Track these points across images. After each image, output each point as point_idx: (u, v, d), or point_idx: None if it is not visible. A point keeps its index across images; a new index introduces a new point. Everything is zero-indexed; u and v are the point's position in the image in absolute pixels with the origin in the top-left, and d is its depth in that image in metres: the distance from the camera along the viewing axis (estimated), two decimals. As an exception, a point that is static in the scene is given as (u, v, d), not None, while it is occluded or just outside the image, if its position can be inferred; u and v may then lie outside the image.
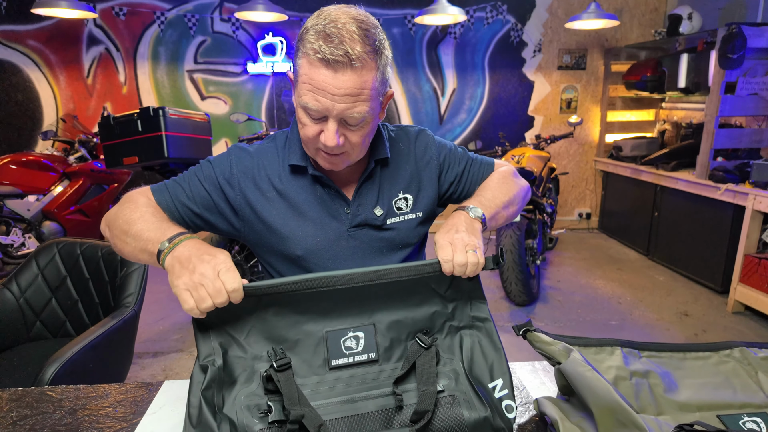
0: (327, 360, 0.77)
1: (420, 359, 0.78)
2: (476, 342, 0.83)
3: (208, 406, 0.71)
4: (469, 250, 0.81)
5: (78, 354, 1.32)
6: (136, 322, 1.60)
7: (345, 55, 0.83)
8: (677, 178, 3.78)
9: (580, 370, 0.78)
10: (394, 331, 0.81)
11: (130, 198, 0.97)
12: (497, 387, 0.79)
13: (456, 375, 0.81)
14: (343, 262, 1.03)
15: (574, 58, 4.89)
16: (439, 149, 1.12)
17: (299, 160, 1.01)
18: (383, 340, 0.80)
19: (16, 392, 0.95)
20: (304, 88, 0.88)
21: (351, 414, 0.75)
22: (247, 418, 0.72)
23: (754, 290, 3.06)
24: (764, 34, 3.29)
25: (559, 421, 0.78)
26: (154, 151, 2.47)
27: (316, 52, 0.84)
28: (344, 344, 0.78)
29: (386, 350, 0.80)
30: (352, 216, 1.02)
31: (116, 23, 4.37)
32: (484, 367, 0.81)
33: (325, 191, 1.02)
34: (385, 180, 1.06)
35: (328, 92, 0.85)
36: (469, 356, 0.82)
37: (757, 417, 0.77)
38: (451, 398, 0.78)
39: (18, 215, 3.39)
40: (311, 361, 0.77)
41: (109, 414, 0.89)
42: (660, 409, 0.79)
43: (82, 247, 1.75)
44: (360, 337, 0.79)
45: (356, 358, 0.78)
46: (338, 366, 0.78)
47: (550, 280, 3.76)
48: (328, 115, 0.88)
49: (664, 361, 0.88)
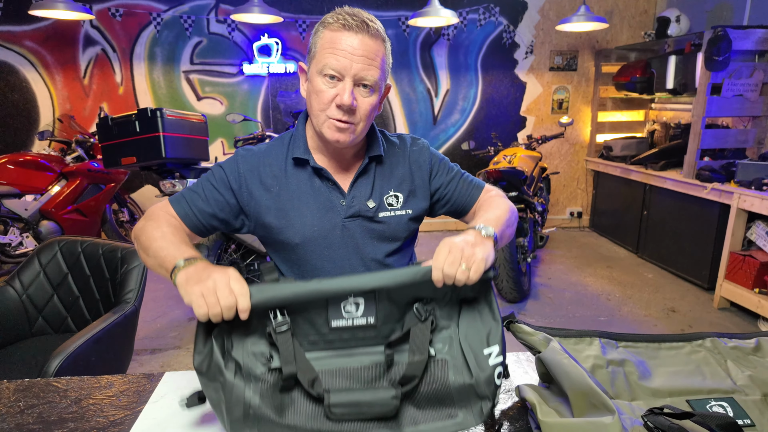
0: (327, 321, 0.81)
1: (415, 328, 0.82)
2: (476, 311, 0.85)
3: (218, 345, 0.78)
4: (463, 264, 0.80)
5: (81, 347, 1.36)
6: (136, 317, 1.64)
7: (363, 23, 0.99)
8: (665, 178, 3.85)
9: (558, 358, 0.83)
10: (395, 297, 0.82)
11: (153, 215, 1.05)
12: (492, 354, 0.81)
13: (450, 341, 0.84)
14: (338, 250, 1.11)
15: (565, 60, 4.96)
16: (431, 156, 1.19)
17: (302, 153, 1.10)
18: (383, 306, 0.82)
19: (22, 383, 0.99)
20: (325, 52, 0.99)
21: (345, 366, 0.81)
22: (251, 362, 0.79)
23: (739, 287, 3.13)
24: (749, 37, 3.36)
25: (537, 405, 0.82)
26: (152, 151, 2.52)
27: (337, 20, 0.99)
28: (344, 308, 0.81)
29: (385, 315, 0.83)
30: (347, 207, 1.10)
31: (112, 24, 4.39)
32: (482, 334, 0.83)
33: (323, 183, 1.10)
34: (378, 177, 1.13)
35: (348, 52, 0.98)
36: (466, 324, 0.85)
37: (723, 402, 0.82)
38: (441, 362, 0.82)
39: (16, 215, 3.41)
40: (314, 320, 0.81)
41: (113, 403, 0.92)
42: (634, 395, 0.85)
43: (83, 245, 1.79)
44: (360, 302, 0.82)
45: (355, 322, 0.82)
46: (338, 327, 0.82)
47: (541, 277, 3.82)
48: (346, 75, 0.99)
49: (640, 350, 0.94)
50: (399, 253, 1.17)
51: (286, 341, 0.78)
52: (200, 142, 2.78)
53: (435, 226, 5.11)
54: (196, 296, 0.75)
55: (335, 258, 1.11)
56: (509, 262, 3.14)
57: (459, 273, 0.79)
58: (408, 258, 1.23)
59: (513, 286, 3.19)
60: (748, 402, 0.82)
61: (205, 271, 0.80)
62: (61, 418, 0.88)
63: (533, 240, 3.62)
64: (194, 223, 1.08)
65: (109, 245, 1.76)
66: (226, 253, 3.00)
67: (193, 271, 0.81)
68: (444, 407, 0.80)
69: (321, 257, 1.11)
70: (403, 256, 1.20)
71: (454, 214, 1.23)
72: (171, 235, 0.97)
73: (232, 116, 3.33)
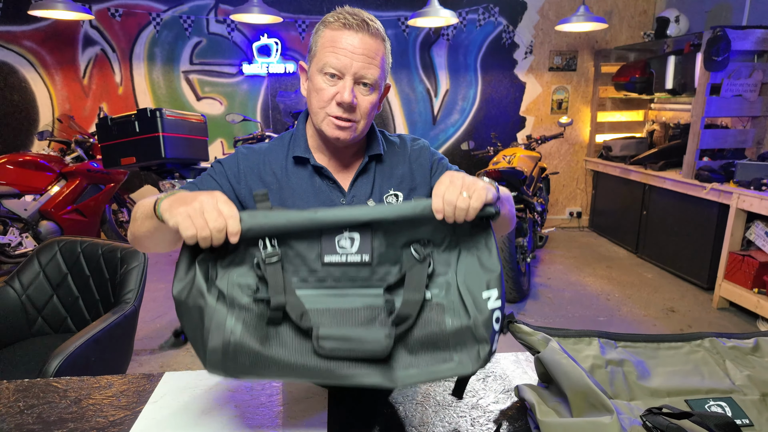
0: (320, 255, 0.77)
1: (411, 269, 0.78)
2: (475, 256, 0.80)
3: (201, 271, 0.73)
4: (464, 192, 0.76)
5: (80, 348, 1.36)
6: (136, 317, 1.64)
7: (363, 22, 1.00)
8: (665, 178, 3.86)
9: (557, 358, 0.83)
10: (392, 236, 0.79)
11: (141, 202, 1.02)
12: (491, 298, 0.76)
13: (447, 286, 0.80)
14: None
15: (564, 60, 4.96)
16: (431, 155, 1.19)
17: (302, 152, 1.11)
18: (379, 244, 0.79)
19: (22, 383, 0.99)
20: (326, 51, 1.00)
21: (336, 306, 0.77)
22: (236, 293, 0.74)
23: (738, 287, 3.13)
24: (748, 37, 3.37)
25: (536, 405, 0.83)
26: (152, 151, 2.52)
27: (338, 20, 1.00)
28: (338, 243, 0.78)
29: (381, 255, 0.79)
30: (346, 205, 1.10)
31: (112, 24, 4.40)
32: (481, 279, 0.78)
33: (323, 182, 1.10)
34: (378, 176, 1.14)
35: (349, 50, 0.99)
36: (464, 269, 0.80)
37: (722, 401, 0.82)
38: (438, 306, 0.78)
39: (15, 215, 3.41)
40: (305, 255, 0.78)
41: (113, 403, 0.92)
42: (633, 394, 0.85)
43: (83, 245, 1.80)
44: (355, 238, 0.78)
45: (349, 258, 0.78)
46: (330, 263, 0.78)
47: (541, 277, 3.83)
48: (346, 73, 1.00)
49: (639, 350, 0.94)
50: None
51: (275, 272, 0.74)
52: (200, 143, 2.78)
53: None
54: (182, 217, 0.70)
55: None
56: (509, 262, 3.14)
57: (460, 200, 0.75)
58: None
59: (512, 286, 3.20)
60: (746, 402, 0.82)
61: (191, 194, 0.75)
62: (60, 418, 0.88)
63: (533, 240, 3.63)
64: None
65: (109, 245, 1.77)
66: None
67: (178, 196, 0.77)
68: (439, 351, 0.76)
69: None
70: None
71: None
72: None
73: (232, 116, 3.33)
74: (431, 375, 0.75)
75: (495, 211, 0.78)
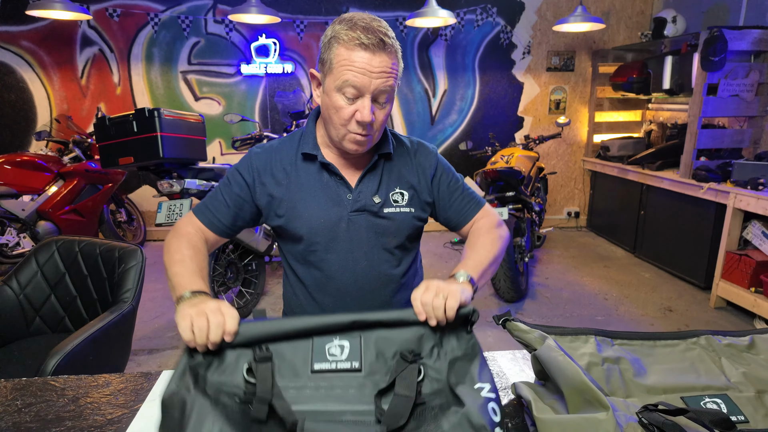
0: (310, 363, 0.78)
1: (402, 371, 0.78)
2: (464, 363, 0.81)
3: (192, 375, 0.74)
4: (440, 294, 0.83)
5: (78, 347, 1.37)
6: (133, 317, 1.64)
7: (380, 41, 1.00)
8: (662, 177, 3.87)
9: (553, 355, 0.84)
10: (381, 345, 0.81)
11: (179, 231, 1.13)
12: (484, 389, 0.75)
13: (440, 390, 0.80)
14: (342, 243, 1.14)
15: (562, 60, 4.97)
16: (438, 161, 1.23)
17: (311, 149, 1.15)
18: (368, 352, 0.80)
19: (20, 382, 0.99)
20: (344, 70, 1.00)
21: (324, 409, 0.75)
22: (223, 396, 0.74)
23: (735, 286, 3.14)
24: (745, 38, 3.38)
25: (533, 402, 0.83)
26: (150, 151, 2.51)
27: (354, 39, 0.99)
28: (329, 350, 0.79)
29: (371, 364, 0.79)
30: (353, 201, 1.13)
31: (110, 24, 4.39)
32: (471, 376, 0.78)
33: (331, 178, 1.14)
34: (386, 174, 1.17)
35: (368, 70, 1.00)
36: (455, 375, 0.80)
37: (717, 398, 0.82)
38: (431, 408, 0.76)
39: (13, 215, 3.41)
40: (294, 363, 0.78)
41: (111, 401, 0.93)
42: (629, 392, 0.85)
43: (81, 244, 1.79)
44: (345, 346, 0.80)
45: (339, 365, 0.78)
46: (320, 370, 0.78)
47: (539, 277, 3.83)
48: (365, 92, 1.02)
49: (635, 348, 0.94)
50: (402, 250, 1.21)
51: (265, 372, 0.75)
52: (198, 142, 2.78)
53: (434, 226, 5.12)
54: (182, 316, 0.79)
55: (339, 250, 1.14)
56: (507, 261, 3.15)
57: (436, 300, 0.82)
58: (413, 257, 1.25)
59: (510, 285, 3.21)
60: (741, 399, 0.82)
61: (204, 301, 0.85)
62: (58, 416, 0.88)
63: (530, 240, 3.64)
64: (220, 229, 1.17)
65: (107, 245, 1.77)
66: (224, 253, 3.01)
67: (194, 301, 0.87)
68: None
69: (326, 249, 1.15)
70: (408, 254, 1.23)
71: (447, 226, 1.27)
72: (189, 260, 1.03)
73: (230, 116, 3.33)
74: None
75: (471, 311, 0.83)
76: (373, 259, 1.16)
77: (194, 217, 1.17)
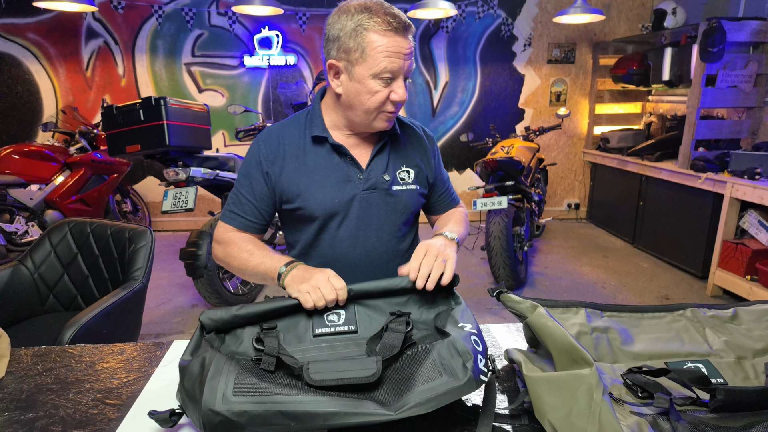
0: (311, 330, 0.90)
1: (392, 321, 0.89)
2: (448, 312, 0.92)
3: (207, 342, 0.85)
4: (440, 257, 0.98)
5: (93, 320, 1.42)
6: (144, 294, 1.70)
7: (406, 24, 1.06)
8: (661, 168, 3.90)
9: (543, 321, 0.88)
10: (373, 311, 0.94)
11: (225, 240, 1.19)
12: (467, 326, 0.85)
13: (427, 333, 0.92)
14: (354, 221, 1.20)
15: (563, 52, 5.00)
16: (436, 147, 1.34)
17: (321, 131, 1.19)
18: (362, 317, 0.93)
19: (39, 350, 1.04)
20: (380, 57, 1.04)
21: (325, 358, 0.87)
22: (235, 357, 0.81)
23: (732, 274, 3.19)
24: (743, 29, 3.40)
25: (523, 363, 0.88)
26: (156, 139, 2.56)
27: (384, 24, 1.04)
28: (327, 318, 0.92)
29: (366, 327, 0.92)
30: (364, 180, 1.19)
31: (115, 16, 4.44)
32: (455, 318, 0.88)
33: (342, 159, 1.19)
34: (393, 153, 1.24)
35: (402, 53, 1.06)
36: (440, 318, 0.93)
37: (699, 363, 0.87)
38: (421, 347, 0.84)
39: (21, 204, 3.47)
40: (297, 331, 0.90)
41: (126, 367, 0.98)
42: (616, 358, 0.90)
43: (92, 226, 1.85)
44: (341, 313, 0.93)
45: (337, 329, 0.91)
46: (321, 334, 0.90)
47: (538, 266, 3.88)
48: (400, 74, 1.08)
49: (624, 320, 0.99)
50: (408, 225, 1.28)
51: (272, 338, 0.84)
52: (203, 131, 2.83)
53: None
54: (303, 293, 0.91)
55: (351, 228, 1.20)
56: (506, 250, 3.19)
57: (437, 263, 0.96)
58: (415, 232, 1.33)
59: (509, 273, 3.25)
60: (722, 364, 0.87)
61: (308, 272, 0.97)
62: (77, 379, 0.93)
63: (530, 229, 3.68)
64: (255, 228, 1.21)
65: (117, 226, 1.82)
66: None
67: (297, 274, 0.99)
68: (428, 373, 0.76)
69: (339, 227, 1.20)
70: (411, 229, 1.31)
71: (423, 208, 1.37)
72: (256, 249, 1.13)
73: (234, 107, 3.37)
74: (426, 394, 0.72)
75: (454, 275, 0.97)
76: (382, 235, 1.22)
77: (227, 225, 1.20)
